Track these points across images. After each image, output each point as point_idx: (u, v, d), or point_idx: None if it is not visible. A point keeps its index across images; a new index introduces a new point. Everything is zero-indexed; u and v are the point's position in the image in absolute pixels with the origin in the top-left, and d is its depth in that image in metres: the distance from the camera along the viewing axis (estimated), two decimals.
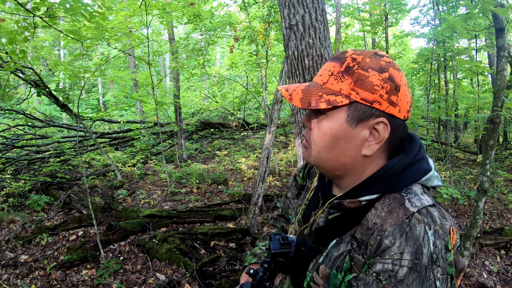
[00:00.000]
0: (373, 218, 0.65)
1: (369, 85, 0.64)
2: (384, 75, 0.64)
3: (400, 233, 0.60)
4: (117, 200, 4.74)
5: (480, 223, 2.65)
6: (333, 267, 0.68)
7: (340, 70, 0.67)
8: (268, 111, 6.23)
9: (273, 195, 4.87)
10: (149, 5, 5.22)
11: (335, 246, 0.70)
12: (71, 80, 4.92)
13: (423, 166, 0.69)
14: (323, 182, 0.81)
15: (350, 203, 0.68)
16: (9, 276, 2.96)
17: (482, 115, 6.22)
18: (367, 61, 0.65)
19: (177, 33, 16.78)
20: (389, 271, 0.58)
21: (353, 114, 0.65)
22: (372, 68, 0.65)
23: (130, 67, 11.75)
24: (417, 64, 7.69)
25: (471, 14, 2.99)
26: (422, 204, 0.63)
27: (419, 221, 0.60)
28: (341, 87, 0.66)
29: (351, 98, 0.65)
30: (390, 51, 10.19)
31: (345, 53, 0.68)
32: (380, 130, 0.65)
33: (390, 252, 0.59)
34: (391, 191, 0.66)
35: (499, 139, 8.86)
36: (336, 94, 0.66)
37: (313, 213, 0.80)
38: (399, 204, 0.63)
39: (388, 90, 0.64)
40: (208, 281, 2.87)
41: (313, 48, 2.19)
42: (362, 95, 0.64)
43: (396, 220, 0.61)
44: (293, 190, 1.06)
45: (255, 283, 0.78)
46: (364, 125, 0.66)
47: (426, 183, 0.69)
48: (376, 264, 0.60)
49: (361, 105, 0.65)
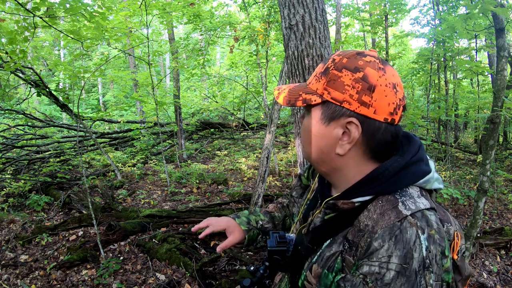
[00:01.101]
0: (365, 220, 0.65)
1: (340, 85, 0.65)
2: (357, 75, 0.64)
3: (390, 236, 0.59)
4: (117, 200, 4.74)
5: (480, 223, 2.65)
6: (324, 267, 0.68)
7: (321, 71, 0.70)
8: (268, 111, 6.23)
9: (273, 195, 4.87)
10: (149, 5, 5.22)
11: (328, 246, 0.70)
12: (71, 80, 4.91)
13: (421, 168, 0.68)
14: (323, 183, 0.82)
15: (344, 204, 0.68)
16: (9, 276, 2.96)
17: (482, 115, 6.22)
18: (344, 61, 0.66)
19: (177, 33, 16.78)
20: (375, 274, 0.57)
21: (325, 113, 0.68)
22: (347, 68, 0.65)
23: (130, 67, 11.75)
24: (417, 64, 7.69)
25: (471, 14, 2.99)
26: (417, 207, 0.62)
27: (411, 224, 0.59)
28: (317, 87, 0.69)
29: (323, 97, 0.67)
30: (390, 51, 10.17)
31: (336, 54, 0.70)
32: (351, 130, 0.65)
33: (378, 254, 0.58)
34: (385, 193, 0.65)
35: (499, 139, 8.86)
36: (313, 93, 0.69)
37: (311, 212, 0.81)
38: (392, 207, 0.63)
39: (359, 90, 0.64)
40: (208, 281, 2.87)
41: (313, 48, 2.19)
42: (333, 95, 0.66)
43: (388, 223, 0.60)
44: (298, 189, 1.06)
45: (255, 280, 0.79)
46: (336, 124, 0.67)
47: (424, 185, 0.68)
48: (363, 266, 0.59)
49: (332, 104, 0.67)
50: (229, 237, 0.94)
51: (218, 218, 0.99)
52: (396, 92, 0.66)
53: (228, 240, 0.94)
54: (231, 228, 0.96)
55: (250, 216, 1.03)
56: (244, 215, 1.02)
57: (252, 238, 0.99)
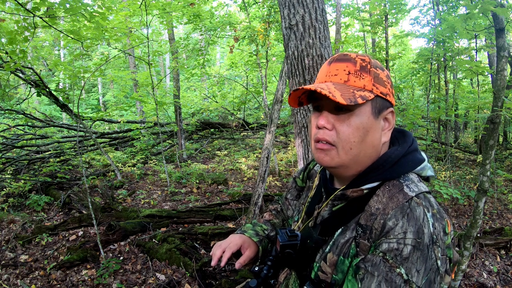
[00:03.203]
0: (375, 204, 0.69)
1: (381, 81, 0.73)
2: (386, 72, 0.76)
3: (402, 214, 0.64)
4: (117, 200, 4.74)
5: (480, 223, 2.65)
6: (340, 254, 0.72)
7: (356, 69, 0.72)
8: (268, 111, 6.23)
9: (273, 195, 4.87)
10: (149, 5, 5.22)
11: (341, 234, 0.74)
12: (71, 80, 4.92)
13: (418, 156, 0.76)
14: (326, 179, 0.85)
15: (353, 192, 0.73)
16: (9, 276, 2.96)
17: (482, 115, 6.21)
18: (372, 61, 0.74)
19: (177, 33, 16.78)
20: (394, 250, 0.62)
21: (375, 107, 0.72)
22: (378, 67, 0.74)
23: (130, 67, 11.74)
24: (417, 64, 7.69)
25: (471, 14, 2.99)
26: (419, 190, 0.69)
27: (418, 204, 0.66)
28: (364, 84, 0.72)
29: (374, 93, 0.72)
30: (390, 51, 10.17)
31: (348, 55, 0.74)
32: (390, 118, 0.75)
33: (394, 232, 0.63)
34: (390, 179, 0.71)
35: (499, 139, 8.86)
36: (363, 90, 0.71)
37: (316, 206, 0.83)
38: (399, 190, 0.69)
39: (391, 84, 0.76)
40: (208, 281, 2.87)
41: (313, 48, 2.19)
42: (381, 90, 0.73)
43: (397, 204, 0.66)
44: (293, 191, 1.07)
45: (260, 280, 0.80)
46: (382, 116, 0.74)
47: (420, 172, 0.75)
48: (382, 244, 0.63)
49: (379, 99, 0.73)
50: (246, 252, 0.91)
51: (226, 239, 0.94)
52: None
53: (245, 254, 0.90)
54: (246, 243, 0.93)
55: (255, 227, 1.02)
56: (250, 228, 1.01)
57: (265, 247, 0.97)
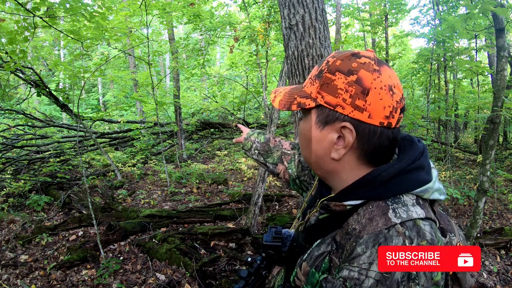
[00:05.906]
0: (353, 223, 0.64)
1: (333, 88, 0.64)
2: (351, 78, 0.62)
3: (373, 243, 0.57)
4: (117, 200, 4.74)
5: (480, 223, 2.65)
6: (312, 266, 0.69)
7: (315, 73, 0.68)
8: (268, 111, 6.23)
9: (273, 195, 4.87)
10: (149, 5, 5.22)
11: (317, 246, 0.71)
12: (71, 80, 4.92)
13: (420, 176, 0.64)
14: (323, 183, 0.82)
15: (336, 206, 0.67)
16: (9, 276, 2.96)
17: (482, 115, 6.22)
18: (337, 64, 0.64)
19: (177, 33, 16.77)
20: (355, 279, 0.57)
21: (320, 117, 0.66)
22: (340, 70, 0.64)
23: (130, 67, 11.75)
24: (417, 64, 7.69)
25: (471, 14, 2.99)
26: (408, 216, 0.59)
27: (398, 233, 0.57)
28: (311, 90, 0.68)
29: (317, 101, 0.66)
30: (390, 51, 10.17)
31: (327, 56, 0.69)
32: (345, 135, 0.64)
33: (359, 260, 0.58)
34: (377, 199, 0.63)
35: (499, 139, 8.85)
36: (307, 97, 0.68)
37: (308, 211, 0.82)
38: (381, 213, 0.61)
39: (352, 93, 0.62)
40: (208, 281, 2.87)
41: (313, 48, 2.19)
42: (326, 99, 0.65)
43: (374, 230, 0.59)
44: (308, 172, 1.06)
45: (253, 271, 0.81)
46: (330, 128, 0.65)
47: (421, 195, 0.64)
48: (344, 270, 0.59)
49: (326, 109, 0.65)
50: None
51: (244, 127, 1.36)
52: (392, 95, 0.63)
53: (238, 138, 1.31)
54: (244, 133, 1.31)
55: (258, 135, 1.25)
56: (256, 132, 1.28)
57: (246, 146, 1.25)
